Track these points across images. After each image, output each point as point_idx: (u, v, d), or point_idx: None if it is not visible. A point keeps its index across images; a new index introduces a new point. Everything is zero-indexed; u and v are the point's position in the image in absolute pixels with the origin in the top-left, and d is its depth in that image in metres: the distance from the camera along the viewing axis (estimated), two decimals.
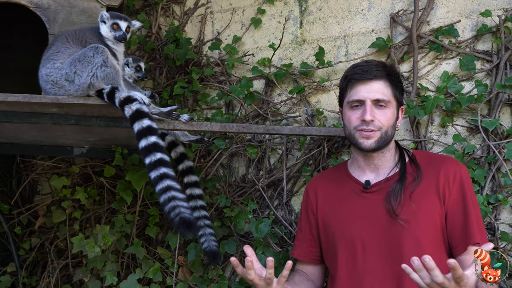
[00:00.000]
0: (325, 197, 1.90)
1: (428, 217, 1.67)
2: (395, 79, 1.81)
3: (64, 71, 1.90)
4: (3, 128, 2.20)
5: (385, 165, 1.81)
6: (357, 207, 1.78)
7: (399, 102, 1.83)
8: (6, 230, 3.01)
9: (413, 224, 1.65)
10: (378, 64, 1.81)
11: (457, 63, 2.36)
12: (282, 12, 2.82)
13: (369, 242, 1.72)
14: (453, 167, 1.71)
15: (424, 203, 1.68)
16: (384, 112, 1.74)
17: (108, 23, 2.03)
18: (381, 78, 1.76)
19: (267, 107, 2.73)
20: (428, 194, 1.69)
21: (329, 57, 2.64)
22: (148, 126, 1.81)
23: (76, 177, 2.98)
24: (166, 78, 3.04)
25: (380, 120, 1.73)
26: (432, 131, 2.38)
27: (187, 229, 1.77)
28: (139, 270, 2.64)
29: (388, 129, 1.75)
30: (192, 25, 3.07)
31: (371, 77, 1.75)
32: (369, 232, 1.72)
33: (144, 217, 2.83)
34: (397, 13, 2.50)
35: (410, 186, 1.70)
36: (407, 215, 1.66)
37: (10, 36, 2.86)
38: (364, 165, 1.84)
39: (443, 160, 1.78)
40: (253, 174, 2.73)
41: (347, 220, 1.78)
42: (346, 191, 1.83)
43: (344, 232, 1.78)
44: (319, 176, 2.06)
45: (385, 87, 1.76)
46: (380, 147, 1.77)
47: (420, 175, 1.71)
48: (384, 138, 1.75)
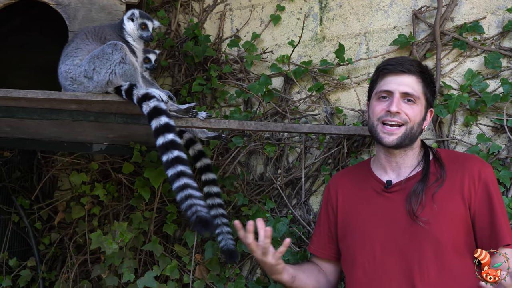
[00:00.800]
0: (346, 195, 1.87)
1: (450, 219, 1.62)
2: (428, 78, 1.76)
3: (83, 67, 1.90)
4: (24, 124, 2.22)
5: (407, 164, 1.77)
6: (378, 207, 1.74)
7: (429, 103, 1.77)
8: (27, 225, 3.05)
9: (435, 225, 1.61)
10: (413, 60, 1.80)
11: (481, 61, 2.29)
12: (301, 9, 2.78)
13: (388, 242, 1.68)
14: (478, 166, 1.66)
15: (446, 204, 1.63)
16: (411, 107, 1.70)
17: (136, 21, 2.04)
18: (414, 74, 1.72)
19: (286, 105, 2.71)
20: (452, 195, 1.64)
21: (349, 54, 2.60)
22: (166, 124, 1.80)
23: (95, 173, 3.00)
24: (184, 75, 3.03)
25: (407, 114, 1.68)
26: (455, 130, 2.32)
27: (203, 227, 1.76)
28: (156, 267, 2.64)
29: (414, 125, 1.70)
30: (211, 22, 3.06)
31: (404, 70, 1.71)
32: (388, 233, 1.69)
33: (161, 214, 2.84)
34: (420, 10, 2.44)
35: (432, 186, 1.65)
36: (429, 217, 1.61)
37: (28, 34, 2.90)
38: (385, 163, 1.80)
39: (468, 159, 1.72)
40: (271, 173, 2.71)
41: (367, 220, 1.75)
42: (368, 190, 1.80)
43: (363, 231, 1.75)
44: (341, 173, 2.04)
45: (416, 83, 1.71)
46: (402, 144, 1.72)
47: (444, 175, 1.65)
48: (408, 134, 1.69)
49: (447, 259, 1.59)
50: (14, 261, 2.93)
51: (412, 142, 1.74)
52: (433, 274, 1.58)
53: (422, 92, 1.72)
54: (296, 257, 2.41)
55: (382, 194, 1.75)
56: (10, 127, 2.30)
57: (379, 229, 1.71)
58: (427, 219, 1.61)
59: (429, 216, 1.62)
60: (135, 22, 2.04)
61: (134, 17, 2.04)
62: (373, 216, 1.74)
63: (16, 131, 2.42)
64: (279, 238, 2.43)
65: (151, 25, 2.08)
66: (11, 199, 3.06)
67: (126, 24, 2.05)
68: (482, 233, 1.61)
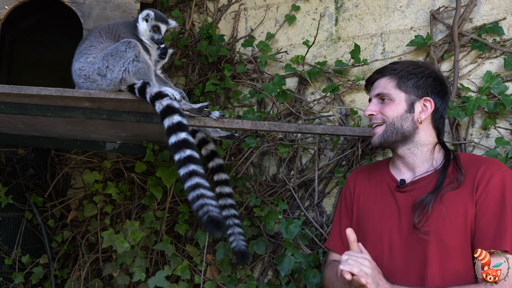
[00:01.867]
0: (362, 191, 1.86)
1: (458, 221, 1.57)
2: (402, 71, 1.74)
3: (96, 65, 1.90)
4: (38, 122, 2.22)
5: (419, 164, 1.73)
6: (389, 206, 1.73)
7: (416, 94, 1.72)
8: (40, 222, 3.07)
9: (441, 227, 1.58)
10: (390, 64, 1.85)
11: (501, 63, 2.24)
12: (317, 9, 2.75)
13: (396, 241, 1.67)
14: (492, 168, 1.60)
15: (456, 206, 1.58)
16: (387, 105, 1.73)
17: (150, 23, 2.05)
18: (384, 75, 1.77)
19: (300, 105, 2.68)
20: (462, 197, 1.59)
21: (365, 55, 2.57)
22: (178, 122, 1.79)
23: (108, 172, 3.01)
24: (198, 75, 3.02)
25: (384, 113, 1.73)
26: (472, 133, 2.27)
27: (215, 228, 1.74)
28: (167, 267, 2.63)
29: (395, 121, 1.71)
30: (226, 22, 3.04)
31: (375, 77, 1.81)
32: (397, 232, 1.67)
33: (173, 214, 2.83)
34: (438, 10, 2.40)
35: (446, 188, 1.62)
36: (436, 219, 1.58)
37: (45, 32, 2.91)
38: (398, 163, 1.79)
39: (483, 161, 1.66)
40: (284, 174, 2.69)
41: (378, 218, 1.74)
42: (383, 188, 1.78)
43: (374, 229, 1.74)
44: (361, 168, 2.01)
45: (389, 82, 1.74)
46: (389, 141, 1.72)
47: (461, 179, 1.61)
48: (390, 130, 1.71)
49: (453, 262, 1.56)
50: (27, 258, 2.95)
51: (405, 138, 1.72)
52: (438, 277, 1.56)
53: (395, 87, 1.73)
54: (308, 260, 2.39)
55: (394, 193, 1.74)
56: (24, 125, 2.31)
57: (389, 228, 1.70)
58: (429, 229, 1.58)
59: (437, 218, 1.59)
60: (148, 23, 2.05)
61: (149, 18, 2.05)
62: (385, 214, 1.73)
63: (30, 129, 2.43)
64: (291, 240, 2.41)
65: (164, 28, 2.09)
66: (24, 197, 3.08)
67: (140, 24, 2.05)
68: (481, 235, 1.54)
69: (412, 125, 1.71)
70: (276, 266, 2.45)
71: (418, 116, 1.71)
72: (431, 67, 1.78)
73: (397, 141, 1.73)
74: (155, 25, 2.06)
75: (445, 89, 1.76)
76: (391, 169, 1.82)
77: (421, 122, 1.71)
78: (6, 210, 2.97)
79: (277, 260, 2.43)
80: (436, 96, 1.73)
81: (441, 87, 1.75)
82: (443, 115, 1.78)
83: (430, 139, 1.74)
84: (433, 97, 1.72)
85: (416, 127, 1.71)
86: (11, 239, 3.01)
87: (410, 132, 1.71)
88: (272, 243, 2.63)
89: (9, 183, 2.98)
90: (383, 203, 1.75)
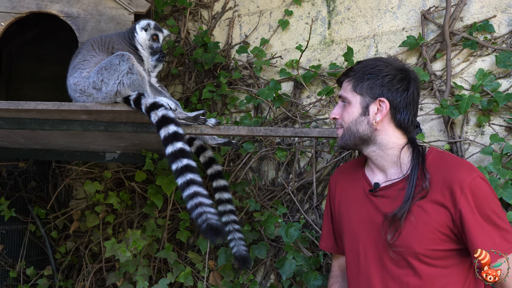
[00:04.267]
0: (341, 192, 1.83)
1: (428, 229, 1.52)
2: (358, 72, 1.69)
3: (91, 79, 1.93)
4: (37, 135, 2.25)
5: (389, 166, 1.67)
6: (364, 210, 1.69)
7: (371, 95, 1.65)
8: (43, 234, 3.09)
9: (412, 237, 1.54)
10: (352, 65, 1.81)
11: (493, 60, 2.26)
12: (309, 13, 2.78)
13: (370, 247, 1.64)
14: (461, 176, 1.52)
15: (424, 215, 1.54)
16: (346, 109, 1.70)
17: (149, 32, 2.10)
18: (348, 76, 1.72)
19: (296, 109, 2.70)
20: (431, 205, 1.54)
21: (359, 57, 2.59)
22: (174, 132, 1.81)
23: (108, 182, 3.04)
24: (195, 83, 3.05)
25: (342, 117, 1.70)
26: (467, 131, 2.29)
27: (214, 235, 1.76)
28: (170, 275, 2.65)
29: (351, 124, 1.67)
30: (220, 29, 3.07)
31: (341, 79, 1.77)
32: (370, 237, 1.65)
33: (175, 221, 2.85)
34: (429, 10, 2.42)
35: (415, 198, 1.56)
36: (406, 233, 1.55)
37: (42, 46, 2.94)
38: (371, 164, 1.74)
39: (452, 165, 1.59)
40: (282, 178, 2.71)
41: (355, 221, 1.71)
42: (358, 190, 1.74)
43: (351, 233, 1.72)
44: (341, 168, 1.97)
45: (348, 84, 1.71)
46: (349, 145, 1.69)
47: (426, 188, 1.55)
48: (348, 134, 1.68)
49: (424, 270, 1.53)
50: (32, 270, 2.97)
51: (364, 141, 1.67)
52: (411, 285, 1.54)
53: (351, 90, 1.68)
54: (309, 262, 2.40)
55: (368, 196, 1.69)
56: (24, 138, 2.34)
57: (363, 233, 1.67)
58: (401, 249, 1.55)
59: (406, 232, 1.55)
60: (148, 32, 2.10)
61: (149, 28, 2.10)
62: (360, 218, 1.70)
63: (30, 142, 2.46)
64: (291, 244, 2.43)
65: (162, 36, 2.15)
66: (27, 209, 3.11)
67: (139, 34, 2.09)
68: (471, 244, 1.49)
69: (368, 128, 1.65)
70: (278, 270, 2.47)
71: (373, 118, 1.64)
72: (392, 64, 1.69)
73: (358, 144, 1.69)
74: (154, 34, 2.11)
75: (406, 86, 1.65)
76: (366, 170, 1.77)
77: (378, 124, 1.64)
78: (10, 223, 3.00)
79: (279, 264, 2.45)
80: (393, 94, 1.63)
81: (400, 84, 1.65)
82: (407, 112, 1.65)
83: (394, 140, 1.66)
84: (389, 95, 1.63)
85: (374, 129, 1.65)
86: (15, 251, 3.04)
87: (368, 135, 1.66)
88: (273, 247, 2.65)
89: (12, 196, 3.01)
90: (358, 207, 1.71)
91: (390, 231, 1.56)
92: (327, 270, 2.48)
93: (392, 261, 1.58)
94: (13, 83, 2.99)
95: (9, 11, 2.16)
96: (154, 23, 2.12)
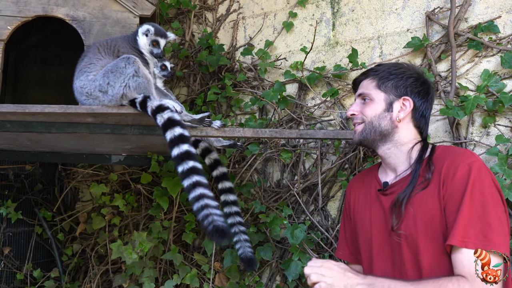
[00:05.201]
0: (356, 198, 1.88)
1: (426, 220, 1.55)
2: (383, 71, 1.77)
3: (97, 82, 1.94)
4: (43, 138, 2.27)
5: (400, 164, 1.73)
6: (374, 210, 1.75)
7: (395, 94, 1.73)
8: (50, 236, 3.11)
9: (412, 229, 1.57)
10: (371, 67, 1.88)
11: (498, 61, 2.26)
12: (314, 15, 2.79)
13: (382, 247, 1.68)
14: (458, 161, 1.56)
15: (423, 206, 1.57)
16: (367, 105, 1.76)
17: (149, 37, 2.10)
18: (367, 76, 1.80)
19: (301, 111, 2.71)
20: (429, 195, 1.57)
21: (363, 58, 2.59)
22: (180, 135, 1.82)
23: (114, 184, 3.05)
24: (199, 85, 3.06)
25: (363, 112, 1.76)
26: (473, 132, 2.29)
27: (220, 237, 1.76)
28: (176, 276, 2.66)
29: (373, 120, 1.73)
30: (225, 31, 3.08)
31: (360, 79, 1.84)
32: (381, 236, 1.69)
33: (180, 223, 2.86)
34: (433, 11, 2.42)
35: (416, 188, 1.62)
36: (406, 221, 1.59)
37: (47, 50, 2.96)
38: (384, 164, 1.81)
39: (453, 154, 1.63)
40: (288, 179, 2.71)
41: (368, 223, 1.75)
42: (371, 192, 1.80)
43: (365, 234, 1.76)
44: (357, 176, 2.02)
45: (370, 82, 1.78)
46: (369, 140, 1.74)
47: (429, 178, 1.60)
48: (369, 128, 1.74)
49: (426, 261, 1.55)
50: (38, 272, 2.99)
51: (383, 136, 1.73)
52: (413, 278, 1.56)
53: (374, 87, 1.76)
54: None
55: (379, 196, 1.75)
56: (30, 141, 2.36)
57: (375, 233, 1.71)
58: (404, 232, 1.58)
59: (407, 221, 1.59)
60: (148, 38, 2.10)
61: (149, 33, 2.10)
62: (372, 219, 1.74)
63: (37, 145, 2.47)
64: (297, 245, 2.43)
65: (163, 42, 2.14)
66: (34, 211, 3.12)
67: (140, 38, 2.10)
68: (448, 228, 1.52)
69: (390, 124, 1.72)
70: (284, 271, 2.47)
71: (396, 115, 1.71)
72: (413, 69, 1.79)
73: (376, 140, 1.75)
74: (154, 40, 2.11)
75: (427, 90, 1.76)
76: (379, 172, 1.83)
77: (400, 121, 1.72)
78: (16, 226, 3.02)
79: (284, 265, 2.45)
80: (416, 96, 1.73)
81: (422, 87, 1.75)
82: (425, 115, 1.75)
83: (410, 138, 1.73)
84: (412, 96, 1.72)
85: (395, 126, 1.72)
86: (22, 254, 3.05)
87: (389, 131, 1.72)
88: (279, 249, 2.66)
89: (18, 199, 3.03)
90: (372, 208, 1.76)
91: (396, 217, 1.61)
92: None
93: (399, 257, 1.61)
94: (19, 87, 3.02)
95: (16, 15, 2.17)
96: (155, 28, 2.10)
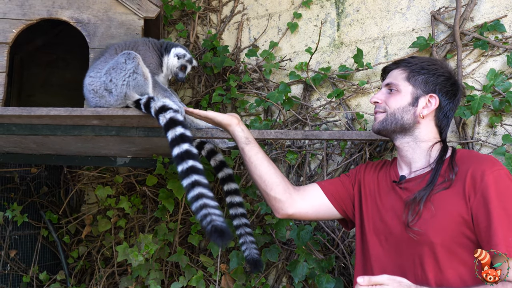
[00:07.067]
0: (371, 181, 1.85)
1: (447, 220, 1.54)
2: (415, 65, 1.75)
3: (102, 79, 1.93)
4: (49, 141, 2.27)
5: (416, 159, 1.73)
6: (389, 200, 1.74)
7: (423, 90, 1.72)
8: (56, 239, 3.11)
9: (430, 227, 1.56)
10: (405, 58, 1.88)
11: (504, 60, 2.24)
12: (318, 16, 2.78)
13: (390, 236, 1.68)
14: (484, 167, 1.55)
15: (445, 206, 1.56)
16: (393, 95, 1.75)
17: (181, 61, 2.14)
18: (399, 66, 1.78)
19: (306, 112, 2.70)
20: (452, 196, 1.57)
21: (368, 59, 2.58)
22: (181, 134, 1.81)
23: (120, 186, 3.05)
24: (204, 87, 3.06)
25: (387, 103, 1.75)
26: (479, 132, 2.27)
27: (219, 237, 1.73)
28: (182, 278, 2.66)
29: (396, 112, 1.72)
30: (229, 33, 3.08)
31: (390, 68, 1.82)
32: (391, 227, 1.68)
33: (186, 225, 2.85)
34: (438, 11, 2.41)
35: (437, 187, 1.61)
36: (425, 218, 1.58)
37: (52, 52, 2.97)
38: (399, 157, 1.80)
39: (477, 159, 1.63)
40: (293, 180, 2.70)
41: (380, 210, 1.75)
42: (387, 181, 1.79)
43: (375, 220, 1.75)
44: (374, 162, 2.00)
45: (401, 73, 1.76)
46: (387, 129, 1.74)
47: (452, 178, 1.59)
48: (390, 119, 1.73)
49: (441, 261, 1.54)
50: (44, 275, 2.99)
51: (404, 130, 1.72)
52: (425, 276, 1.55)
53: (404, 79, 1.74)
54: (321, 265, 2.39)
55: (394, 187, 1.74)
56: (36, 144, 2.36)
57: (386, 222, 1.71)
58: (420, 230, 1.57)
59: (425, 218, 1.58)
60: (179, 61, 2.14)
61: (183, 58, 2.14)
62: (385, 207, 1.74)
63: (42, 148, 2.48)
64: (303, 246, 2.42)
65: (189, 68, 2.20)
66: (39, 214, 3.13)
67: (171, 59, 2.13)
68: (479, 237, 1.52)
69: (413, 119, 1.71)
70: (290, 273, 2.46)
71: (420, 111, 1.71)
72: (446, 68, 1.78)
73: (396, 131, 1.74)
74: (183, 65, 2.16)
75: (455, 91, 1.75)
76: (397, 163, 1.83)
77: (423, 117, 1.71)
78: (22, 229, 3.03)
79: (290, 267, 2.44)
80: (444, 95, 1.72)
81: (451, 87, 1.74)
82: (448, 115, 1.75)
83: (430, 136, 1.73)
84: (440, 95, 1.71)
85: (417, 121, 1.71)
86: (28, 256, 3.06)
87: (410, 125, 1.72)
88: (285, 250, 2.65)
89: (24, 202, 3.04)
90: (384, 197, 1.76)
91: (411, 214, 1.60)
92: (340, 273, 2.47)
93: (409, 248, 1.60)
94: (24, 90, 3.03)
95: (20, 18, 2.17)
96: (190, 56, 2.16)
